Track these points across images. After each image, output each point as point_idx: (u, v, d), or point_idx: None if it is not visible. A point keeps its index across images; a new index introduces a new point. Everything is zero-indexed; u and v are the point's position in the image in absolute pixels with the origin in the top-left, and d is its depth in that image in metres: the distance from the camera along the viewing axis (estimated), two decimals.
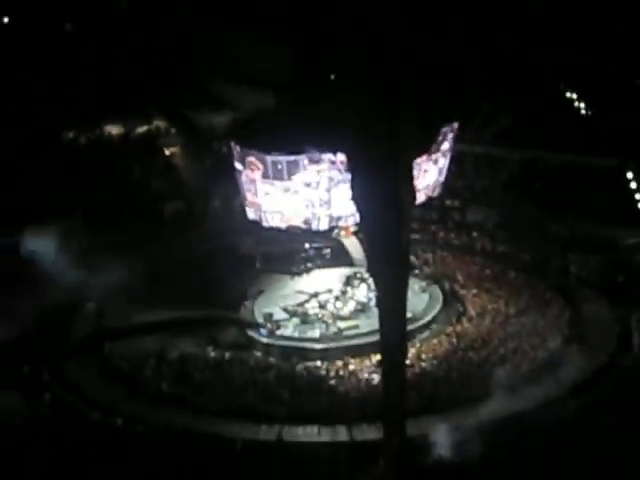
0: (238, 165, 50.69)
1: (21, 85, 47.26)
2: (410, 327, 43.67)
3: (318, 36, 36.57)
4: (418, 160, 44.18)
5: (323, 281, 56.32)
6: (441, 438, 36.48)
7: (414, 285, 48.09)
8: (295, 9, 37.56)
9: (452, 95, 43.36)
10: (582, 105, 56.35)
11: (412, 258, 48.76)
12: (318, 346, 50.02)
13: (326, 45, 36.35)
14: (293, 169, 48.20)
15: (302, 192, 48.65)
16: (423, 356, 48.20)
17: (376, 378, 42.80)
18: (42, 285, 50.61)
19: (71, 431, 40.44)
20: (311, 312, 52.61)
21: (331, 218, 49.40)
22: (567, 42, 48.27)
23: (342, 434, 40.53)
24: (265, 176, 49.06)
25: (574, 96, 55.72)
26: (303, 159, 47.59)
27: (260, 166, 48.58)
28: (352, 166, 37.35)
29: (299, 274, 59.25)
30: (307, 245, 60.47)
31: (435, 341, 50.67)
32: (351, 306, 52.81)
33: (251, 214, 51.75)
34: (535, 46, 42.97)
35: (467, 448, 35.27)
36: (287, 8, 37.45)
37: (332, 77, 38.15)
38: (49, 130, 51.46)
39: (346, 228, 51.94)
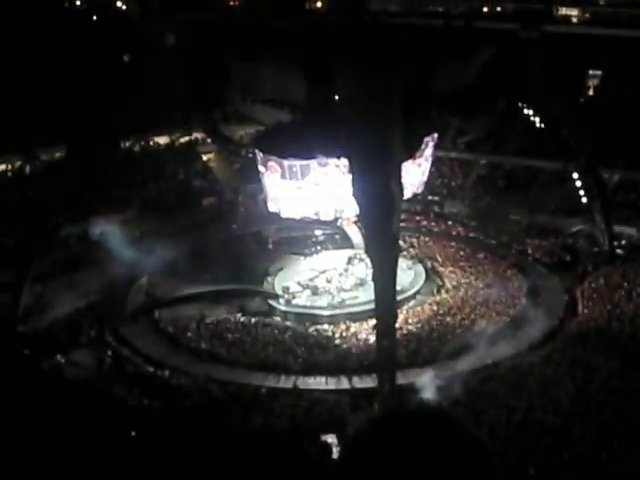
0: (261, 168, 50.78)
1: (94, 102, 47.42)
2: (399, 297, 43.64)
3: (325, 69, 36.74)
4: (405, 163, 44.15)
5: (330, 261, 56.35)
6: (424, 385, 36.65)
7: (402, 264, 48.00)
8: (307, 50, 37.77)
9: (432, 113, 43.40)
10: (537, 119, 56.25)
11: (401, 242, 48.67)
12: (326, 313, 50.14)
13: (331, 75, 36.50)
14: (305, 171, 48.28)
15: (312, 190, 48.68)
16: (409, 320, 48.41)
17: (372, 338, 42.81)
18: (104, 264, 50.73)
19: (128, 380, 40.63)
20: (320, 285, 52.70)
21: (335, 210, 49.39)
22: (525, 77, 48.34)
23: (345, 383, 40.68)
24: (283, 177, 49.18)
25: (530, 112, 55.64)
26: (313, 163, 47.65)
27: (278, 169, 48.67)
28: (353, 168, 37.42)
29: (310, 255, 59.24)
30: (317, 232, 60.45)
31: (419, 308, 50.85)
32: (352, 281, 52.91)
33: (272, 207, 51.82)
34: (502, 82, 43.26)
35: (444, 393, 35.39)
36: (301, 49, 37.65)
37: (337, 98, 38.27)
38: (111, 139, 51.41)
39: (348, 218, 51.88)
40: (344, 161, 42.15)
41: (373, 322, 41.54)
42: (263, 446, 25.81)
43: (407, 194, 45.99)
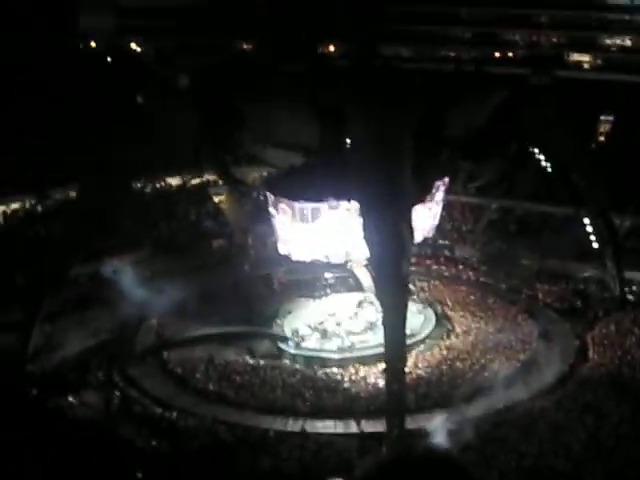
0: (272, 210, 50.75)
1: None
2: (409, 341, 43.60)
3: (337, 112, 36.95)
4: (416, 207, 44.23)
5: (339, 304, 56.25)
6: (434, 430, 36.48)
7: (412, 307, 47.95)
8: (320, 93, 38.07)
9: (443, 157, 43.55)
10: (548, 164, 56.32)
11: (411, 286, 48.68)
12: (335, 356, 49.94)
13: (343, 119, 36.68)
14: (316, 214, 48.22)
15: (323, 232, 48.60)
16: (419, 364, 48.17)
17: (381, 382, 42.68)
18: (114, 303, 50.80)
19: (135, 421, 40.50)
20: (329, 328, 52.54)
21: (346, 253, 49.29)
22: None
23: (353, 427, 40.48)
24: (293, 219, 49.10)
25: (541, 157, 55.74)
26: (324, 206, 47.59)
27: (289, 211, 48.61)
28: (363, 212, 37.53)
29: (320, 298, 59.18)
30: (327, 274, 60.39)
31: (429, 353, 50.59)
32: (362, 324, 52.73)
33: (282, 249, 51.74)
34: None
35: (454, 438, 35.21)
36: (314, 92, 37.92)
37: (349, 142, 38.41)
38: (124, 180, 51.62)
39: (358, 261, 51.77)
40: (355, 204, 42.20)
41: (382, 366, 41.50)
42: None
43: (418, 238, 45.99)
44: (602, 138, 71.84)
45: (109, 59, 77.65)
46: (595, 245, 56.37)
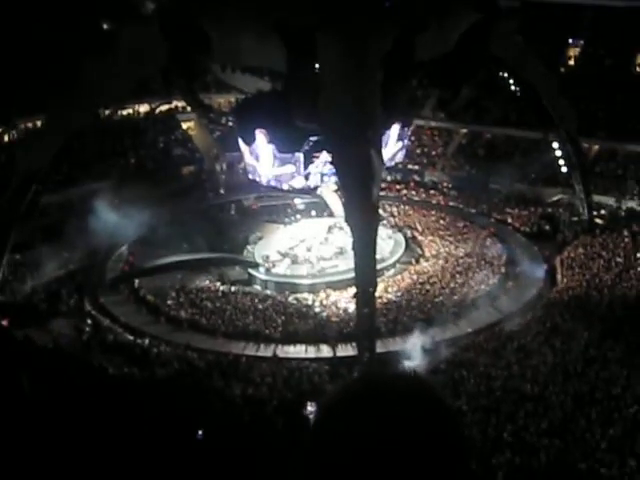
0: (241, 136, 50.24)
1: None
2: (379, 266, 43.68)
3: (305, 36, 36.47)
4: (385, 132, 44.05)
5: (310, 229, 56.24)
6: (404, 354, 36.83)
7: (382, 232, 48.03)
8: (287, 17, 37.48)
9: (410, 84, 43.29)
10: (517, 89, 56.10)
11: (381, 211, 48.66)
12: (305, 281, 50.09)
13: (311, 43, 36.23)
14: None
15: (293, 157, 48.10)
16: (389, 289, 48.43)
17: (352, 307, 42.84)
18: (84, 233, 50.61)
19: (107, 349, 40.52)
20: (300, 254, 52.61)
21: (316, 178, 48.94)
22: None
23: (324, 351, 40.74)
24: (263, 145, 48.58)
25: (510, 81, 55.50)
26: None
27: (260, 136, 48.07)
28: (333, 138, 37.33)
29: (290, 224, 59.16)
30: (296, 200, 60.29)
31: (399, 277, 50.89)
32: (332, 249, 52.83)
33: (252, 175, 51.40)
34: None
35: (424, 361, 35.53)
36: (281, 16, 37.35)
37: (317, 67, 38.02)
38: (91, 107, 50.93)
39: (328, 187, 51.48)
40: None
41: (353, 291, 41.60)
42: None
43: (387, 163, 45.84)
44: (571, 62, 71.64)
45: None
46: (564, 169, 56.51)
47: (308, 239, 54.31)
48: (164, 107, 71.60)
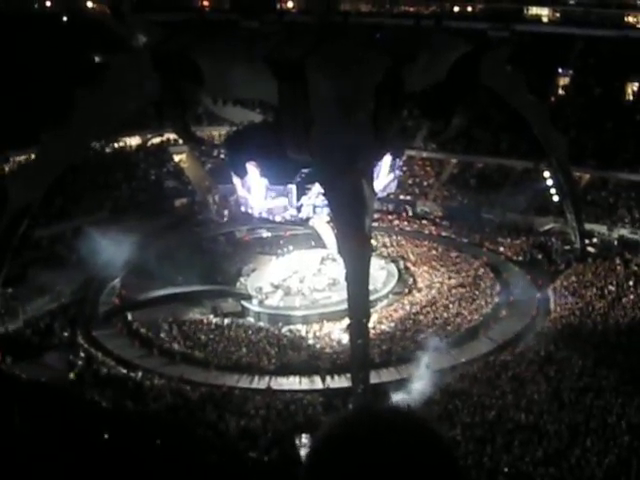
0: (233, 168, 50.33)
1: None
2: (372, 297, 43.67)
3: (296, 69, 36.67)
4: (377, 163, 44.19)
5: (302, 261, 56.25)
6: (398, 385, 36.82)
7: (375, 263, 48.02)
8: (277, 50, 37.72)
9: (401, 115, 43.50)
10: (507, 119, 56.41)
11: (373, 242, 48.74)
12: (299, 313, 50.03)
13: (302, 76, 36.41)
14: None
15: (285, 190, 48.22)
16: (383, 320, 48.39)
17: (345, 338, 42.79)
18: (76, 265, 50.62)
19: (101, 382, 40.37)
20: (293, 286, 52.61)
21: (309, 210, 48.97)
22: None
23: (318, 383, 40.64)
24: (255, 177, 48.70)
25: (500, 111, 55.82)
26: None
27: (252, 169, 48.16)
28: (324, 169, 37.42)
29: (283, 255, 59.13)
30: (289, 232, 60.29)
31: (392, 308, 50.86)
32: (325, 281, 52.83)
33: (245, 207, 51.46)
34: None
35: (418, 392, 35.50)
36: (272, 49, 37.56)
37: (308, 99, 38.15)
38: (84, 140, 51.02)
39: (320, 218, 51.60)
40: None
41: (346, 322, 41.57)
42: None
43: (379, 194, 45.93)
44: (561, 91, 72.00)
45: (64, 18, 76.67)
46: (555, 198, 56.72)
47: (301, 270, 54.31)
48: (156, 140, 71.72)
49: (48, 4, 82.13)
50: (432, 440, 2.88)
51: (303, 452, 28.36)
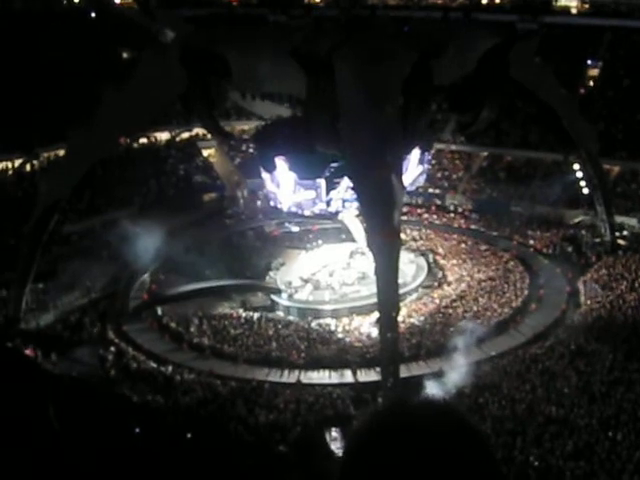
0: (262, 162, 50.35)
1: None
2: (401, 291, 43.59)
3: (324, 63, 36.61)
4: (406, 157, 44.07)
5: (331, 255, 56.24)
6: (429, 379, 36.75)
7: (404, 257, 47.90)
8: (306, 44, 37.69)
9: (430, 108, 43.36)
10: (536, 111, 56.08)
11: (402, 235, 48.62)
12: (328, 307, 50.04)
13: (330, 69, 36.37)
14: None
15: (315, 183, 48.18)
16: (412, 313, 48.30)
17: (375, 332, 42.74)
18: (106, 261, 50.90)
19: (131, 376, 40.52)
20: (322, 280, 52.61)
21: (338, 204, 48.91)
22: None
23: (348, 377, 40.61)
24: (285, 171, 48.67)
25: (530, 103, 55.47)
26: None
27: (281, 163, 48.16)
28: (354, 163, 37.36)
29: (312, 249, 59.13)
30: (319, 226, 60.25)
31: (421, 301, 50.76)
32: (354, 274, 52.79)
33: (273, 201, 51.47)
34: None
35: (449, 386, 35.40)
36: (300, 43, 37.54)
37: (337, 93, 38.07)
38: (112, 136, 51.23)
39: (349, 212, 51.53)
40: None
41: (376, 315, 41.53)
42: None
43: (408, 187, 45.80)
44: (590, 83, 71.54)
45: (93, 15, 76.96)
46: (585, 191, 56.37)
47: (330, 264, 54.32)
48: (185, 135, 71.99)
49: (76, 0, 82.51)
50: (468, 433, 2.88)
51: (333, 446, 28.35)
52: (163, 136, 71.35)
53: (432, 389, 34.77)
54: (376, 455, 2.77)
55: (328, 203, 46.45)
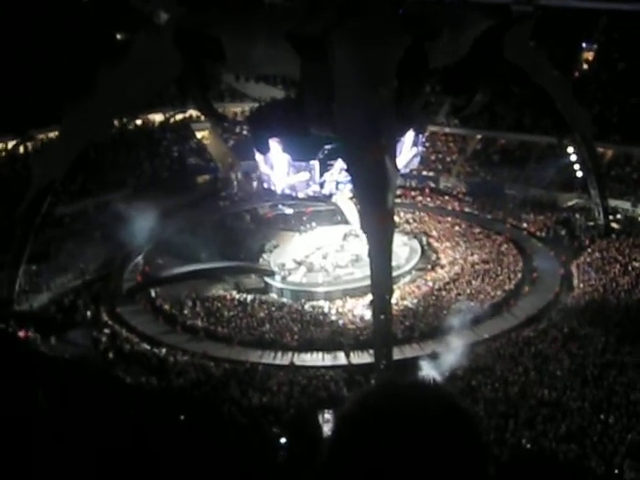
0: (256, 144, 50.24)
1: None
2: (395, 273, 43.59)
3: (318, 44, 36.46)
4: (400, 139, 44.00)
5: (325, 237, 56.27)
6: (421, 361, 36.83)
7: (398, 239, 47.90)
8: (300, 25, 37.49)
9: (424, 90, 43.33)
10: (530, 94, 56.00)
11: (396, 218, 48.59)
12: (321, 289, 50.07)
13: (324, 50, 36.24)
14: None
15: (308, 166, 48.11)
16: (405, 296, 48.35)
17: (368, 314, 42.77)
18: (99, 243, 50.83)
19: (125, 358, 40.53)
20: (315, 262, 52.64)
21: (331, 186, 48.87)
22: None
23: (341, 359, 40.66)
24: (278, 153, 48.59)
25: (524, 86, 55.39)
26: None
27: (274, 145, 48.06)
28: (347, 144, 37.29)
29: (306, 231, 59.14)
30: (312, 208, 60.23)
31: (415, 284, 50.81)
32: (347, 257, 52.82)
33: (267, 183, 51.39)
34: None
35: (441, 368, 35.47)
36: (294, 24, 37.37)
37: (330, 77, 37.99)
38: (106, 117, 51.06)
39: (343, 194, 51.48)
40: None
41: (369, 298, 41.55)
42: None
43: (402, 169, 45.75)
44: (585, 66, 71.42)
45: None
46: (579, 174, 56.37)
47: (324, 247, 54.36)
48: (178, 116, 71.82)
49: None
50: (458, 415, 2.87)
51: (326, 428, 28.40)
52: (157, 118, 71.19)
53: (425, 371, 34.85)
54: (363, 436, 2.76)
55: (322, 185, 46.41)
